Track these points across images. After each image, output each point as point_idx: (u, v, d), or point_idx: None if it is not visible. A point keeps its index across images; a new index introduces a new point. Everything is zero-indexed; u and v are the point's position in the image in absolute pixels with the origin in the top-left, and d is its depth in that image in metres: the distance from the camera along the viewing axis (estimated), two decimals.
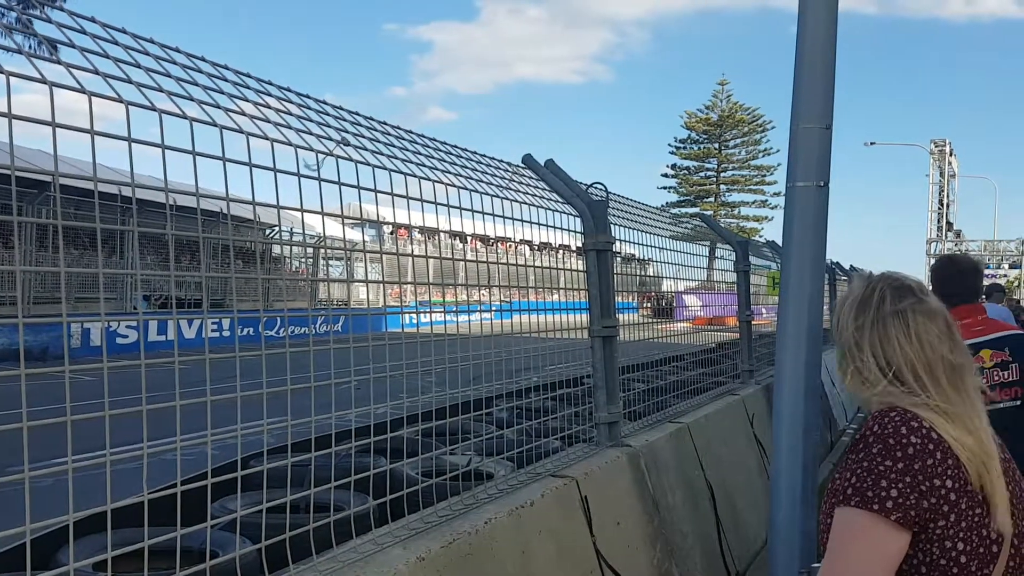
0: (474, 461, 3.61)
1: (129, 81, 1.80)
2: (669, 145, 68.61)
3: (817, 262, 3.47)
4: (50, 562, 2.46)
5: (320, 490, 2.54)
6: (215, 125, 1.99)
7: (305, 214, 2.56)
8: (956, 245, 51.00)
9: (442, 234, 3.84)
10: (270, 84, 2.46)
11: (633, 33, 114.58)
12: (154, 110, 1.81)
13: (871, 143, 53.56)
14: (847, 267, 17.00)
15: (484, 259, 4.11)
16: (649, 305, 7.58)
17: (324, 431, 2.88)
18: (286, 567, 2.34)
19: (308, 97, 2.64)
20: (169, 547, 2.05)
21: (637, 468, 4.39)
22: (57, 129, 1.63)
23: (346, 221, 3.01)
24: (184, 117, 1.90)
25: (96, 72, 1.73)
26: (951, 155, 53.31)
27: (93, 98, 1.74)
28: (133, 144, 1.79)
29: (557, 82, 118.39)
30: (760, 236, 47.23)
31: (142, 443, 1.90)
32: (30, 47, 1.74)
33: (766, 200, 66.29)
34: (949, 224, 53.67)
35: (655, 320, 6.83)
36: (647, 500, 4.36)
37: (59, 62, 1.68)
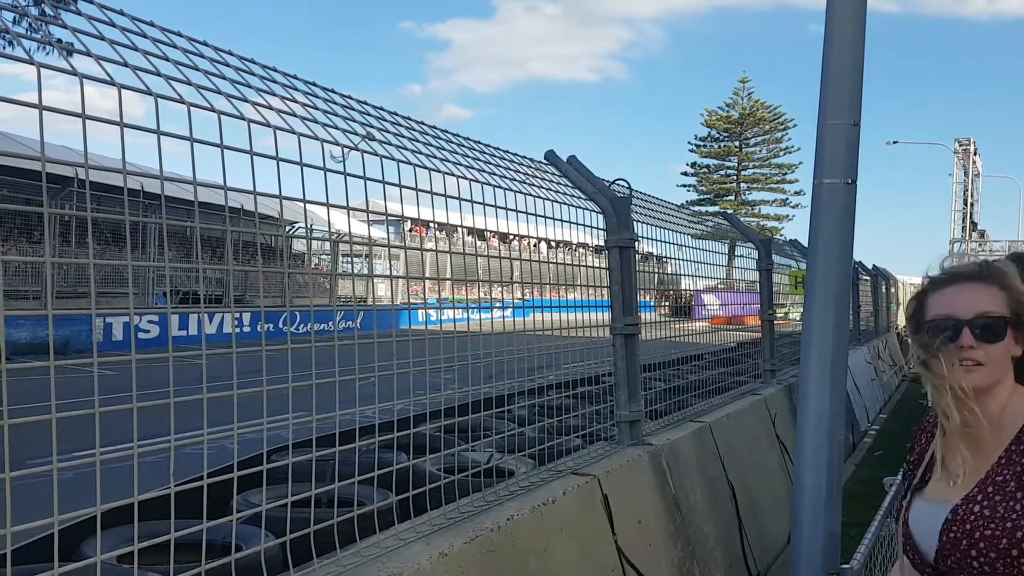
0: (495, 458, 3.60)
1: (158, 74, 1.80)
2: (689, 143, 68.25)
3: (844, 260, 3.43)
4: (73, 554, 2.47)
5: (343, 485, 2.54)
6: (243, 119, 1.98)
7: (326, 211, 2.55)
8: (980, 245, 50.39)
9: (462, 230, 3.83)
10: (296, 79, 2.46)
11: (649, 31, 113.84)
12: (182, 103, 1.81)
13: (894, 142, 52.94)
14: (870, 266, 16.87)
15: (506, 255, 4.10)
16: (667, 304, 7.52)
17: (346, 427, 2.87)
18: (310, 561, 2.34)
19: (333, 92, 2.63)
20: (188, 540, 2.05)
21: (658, 467, 4.36)
22: (74, 126, 1.62)
23: (369, 217, 3.01)
24: (212, 110, 1.89)
25: (125, 64, 1.73)
26: (975, 154, 52.63)
27: (113, 95, 1.73)
28: (139, 137, 1.77)
29: (572, 80, 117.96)
30: (780, 235, 46.85)
31: (166, 436, 1.90)
32: (58, 39, 1.74)
33: (787, 199, 65.84)
34: (973, 224, 53.00)
35: (674, 319, 6.78)
36: (668, 499, 4.33)
37: (89, 54, 1.68)
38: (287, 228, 23.06)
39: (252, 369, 2.25)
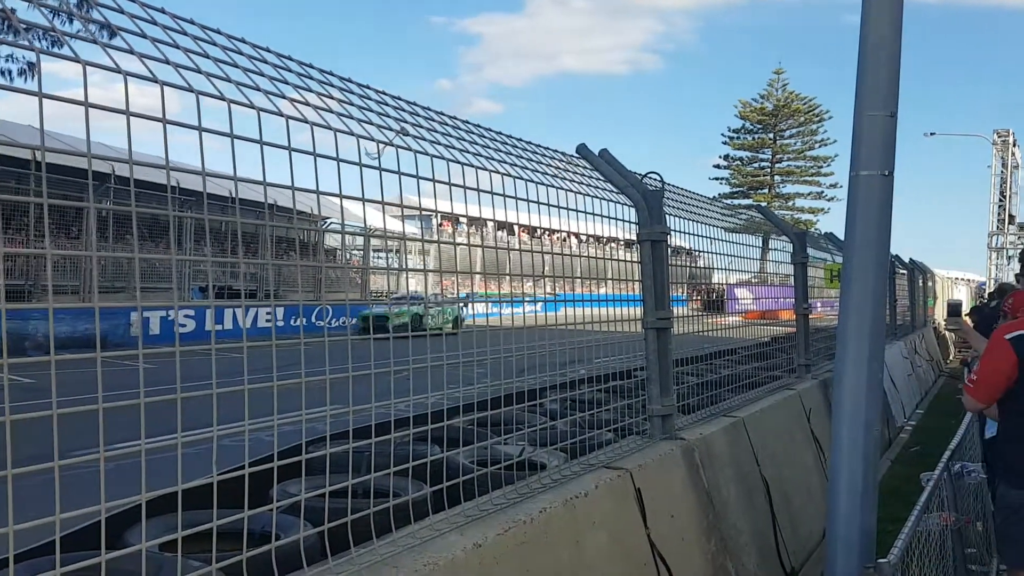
0: (527, 451, 3.62)
1: (199, 71, 1.83)
2: (722, 135, 67.55)
3: (881, 253, 3.39)
4: (117, 542, 2.53)
5: (379, 476, 2.58)
6: (282, 115, 2.01)
7: (361, 206, 2.58)
8: (1019, 238, 49.33)
9: (490, 225, 3.84)
10: (332, 75, 2.49)
11: (680, 22, 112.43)
12: (223, 100, 1.85)
13: (931, 133, 52.05)
14: (906, 260, 16.62)
15: (538, 250, 4.10)
16: (699, 299, 7.46)
17: (381, 419, 2.91)
18: (347, 550, 2.37)
19: (368, 88, 2.66)
20: (229, 529, 2.09)
21: (691, 461, 4.35)
22: (112, 123, 1.66)
23: (403, 212, 3.03)
24: (252, 107, 1.93)
25: (167, 62, 1.76)
26: (1014, 145, 51.52)
27: (150, 92, 1.76)
28: (176, 134, 1.81)
29: (603, 73, 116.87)
30: (816, 228, 46.21)
31: (208, 428, 1.94)
32: (104, 25, 1.77)
33: (822, 192, 65.01)
34: (1011, 216, 51.90)
35: (707, 314, 6.74)
36: (701, 494, 4.32)
37: (132, 52, 1.71)
38: (319, 224, 23.23)
39: (288, 363, 2.29)
